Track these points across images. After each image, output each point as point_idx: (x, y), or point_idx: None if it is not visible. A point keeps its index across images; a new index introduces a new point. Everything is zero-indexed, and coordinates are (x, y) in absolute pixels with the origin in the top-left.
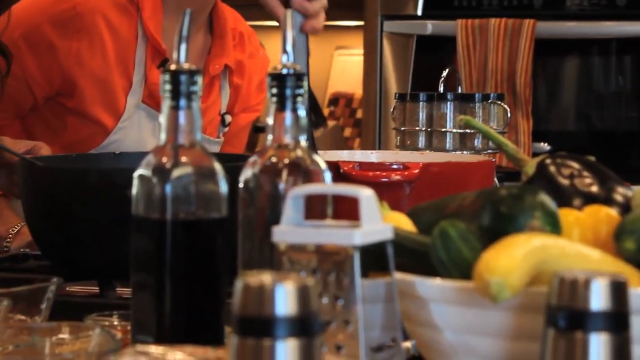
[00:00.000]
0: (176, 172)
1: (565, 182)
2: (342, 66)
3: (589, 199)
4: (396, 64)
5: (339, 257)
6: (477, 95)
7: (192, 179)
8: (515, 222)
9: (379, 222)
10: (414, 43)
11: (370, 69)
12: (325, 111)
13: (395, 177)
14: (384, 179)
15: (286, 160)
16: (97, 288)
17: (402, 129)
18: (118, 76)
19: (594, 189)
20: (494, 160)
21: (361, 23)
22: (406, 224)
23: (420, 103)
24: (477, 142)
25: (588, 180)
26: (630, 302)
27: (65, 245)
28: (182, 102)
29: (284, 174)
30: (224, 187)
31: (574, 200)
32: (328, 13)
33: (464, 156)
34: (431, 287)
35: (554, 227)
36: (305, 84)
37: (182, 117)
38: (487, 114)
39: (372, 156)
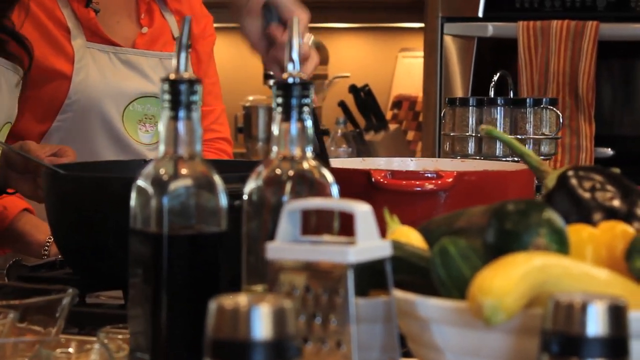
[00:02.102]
0: (174, 185)
1: (586, 195)
2: (406, 68)
3: (610, 214)
4: (457, 67)
5: (333, 275)
6: (528, 100)
7: (191, 192)
8: (520, 240)
9: (376, 239)
10: (475, 45)
11: (430, 72)
12: (389, 114)
13: (429, 186)
14: (417, 189)
15: (291, 172)
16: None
17: (452, 134)
18: (53, 27)
19: (616, 203)
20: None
21: (423, 25)
22: (416, 239)
23: (470, 108)
24: (528, 148)
25: (610, 194)
26: (630, 327)
27: (89, 254)
28: (182, 112)
29: (288, 186)
30: (223, 200)
31: (594, 214)
32: (391, 14)
33: (505, 164)
34: (431, 307)
35: (561, 245)
36: (311, 92)
37: (181, 127)
38: (538, 119)
39: (411, 164)
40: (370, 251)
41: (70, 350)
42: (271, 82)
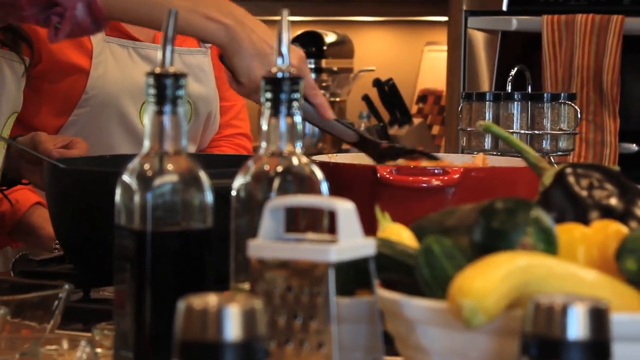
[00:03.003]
0: (159, 181)
1: (583, 193)
2: (432, 62)
3: (607, 212)
4: (481, 61)
5: (314, 274)
6: (546, 95)
7: (176, 188)
8: (507, 239)
9: (359, 237)
10: (499, 39)
11: (454, 66)
12: (414, 108)
13: (435, 182)
14: (423, 185)
15: (279, 169)
16: None
17: (468, 129)
18: None
19: (613, 201)
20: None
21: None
22: (407, 237)
23: (487, 103)
24: (546, 144)
25: (607, 192)
26: (612, 330)
27: (89, 249)
28: (167, 107)
29: (276, 182)
30: (209, 197)
31: (590, 213)
32: (417, 8)
33: (515, 160)
34: (415, 307)
35: (549, 244)
36: (301, 86)
37: (167, 122)
38: (556, 114)
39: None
40: (353, 250)
41: (64, 346)
42: None
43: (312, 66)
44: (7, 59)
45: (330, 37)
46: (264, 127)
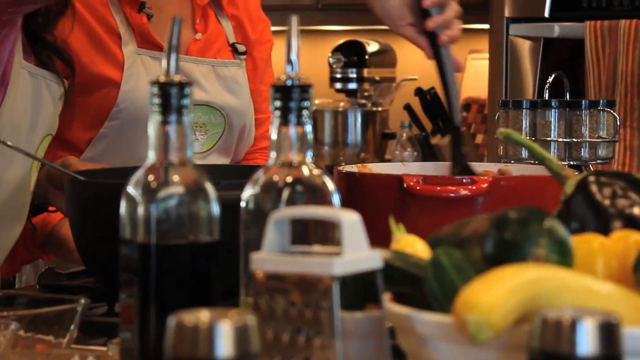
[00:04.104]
0: (164, 192)
1: (605, 202)
2: (475, 70)
3: (630, 222)
4: (523, 68)
5: (318, 288)
6: (584, 102)
7: (182, 200)
8: (519, 250)
9: (365, 249)
10: (541, 46)
11: (495, 73)
12: None
13: (463, 192)
14: (450, 194)
15: (289, 179)
16: None
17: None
18: (104, 33)
19: (636, 210)
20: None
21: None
22: (421, 249)
23: (524, 110)
24: (584, 152)
25: (631, 201)
26: (627, 345)
27: (109, 263)
28: (172, 116)
29: (286, 193)
30: (216, 208)
31: (613, 222)
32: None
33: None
34: (424, 322)
35: (563, 255)
36: (311, 94)
37: (172, 132)
38: (594, 122)
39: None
40: (358, 263)
41: None
42: (338, 85)
43: (354, 76)
44: (46, 80)
45: (372, 47)
46: (274, 136)
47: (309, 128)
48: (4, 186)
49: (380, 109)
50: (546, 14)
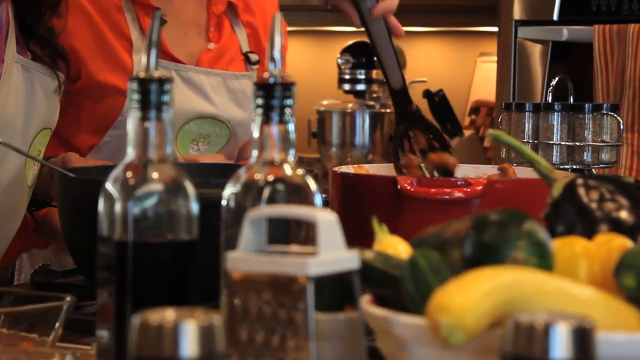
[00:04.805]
0: (142, 190)
1: (592, 205)
2: (485, 73)
3: (616, 226)
4: (531, 72)
5: (293, 289)
6: (587, 105)
7: (160, 197)
8: (497, 253)
9: (341, 250)
10: (550, 49)
11: (504, 76)
12: (466, 120)
13: (457, 194)
14: (445, 197)
15: (270, 178)
16: None
17: None
18: (114, 40)
19: (623, 214)
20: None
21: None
22: (404, 250)
23: (526, 113)
24: (587, 156)
25: (618, 205)
26: (605, 351)
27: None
28: (152, 113)
29: (266, 192)
30: (194, 207)
31: (600, 226)
32: (469, 18)
33: None
34: (403, 325)
35: (542, 258)
36: (294, 92)
37: (151, 129)
38: (597, 125)
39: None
40: (334, 263)
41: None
42: (346, 86)
43: (363, 77)
44: (39, 73)
45: None
46: (255, 134)
47: (291, 126)
48: None
49: (388, 110)
50: (555, 17)
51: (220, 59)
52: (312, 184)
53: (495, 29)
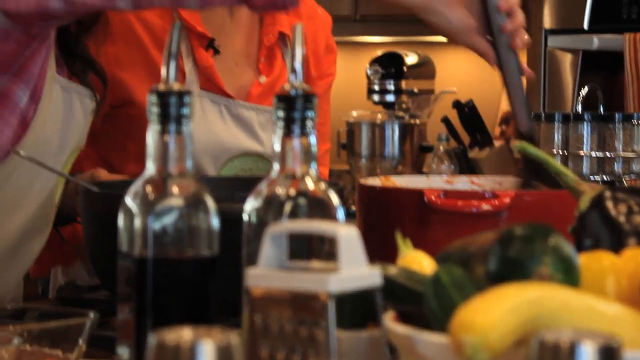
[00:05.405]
0: (162, 205)
1: (620, 218)
2: None
3: None
4: (562, 81)
5: (314, 306)
6: (617, 115)
7: (180, 212)
8: (522, 268)
9: (363, 266)
10: (580, 58)
11: (533, 86)
12: (497, 130)
13: (485, 206)
14: (473, 209)
15: (292, 192)
16: None
17: None
18: None
19: None
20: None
21: None
22: (428, 266)
23: (556, 124)
24: (617, 167)
25: None
26: None
27: None
28: (172, 126)
29: (288, 207)
30: (215, 222)
31: (628, 239)
32: None
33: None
34: (427, 343)
35: (568, 274)
36: (315, 104)
37: (171, 142)
38: (628, 136)
39: (479, 181)
40: (356, 279)
41: None
42: (375, 96)
43: (392, 88)
44: (78, 94)
45: (411, 58)
46: (277, 147)
47: (313, 139)
48: (31, 199)
49: (418, 121)
50: (585, 26)
51: (270, 93)
52: (334, 198)
53: None
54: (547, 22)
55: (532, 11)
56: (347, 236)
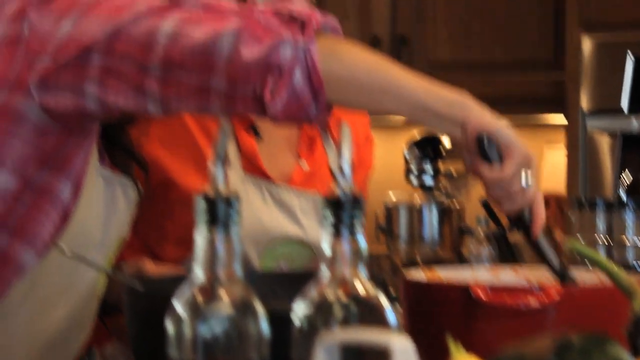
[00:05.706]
0: (211, 312)
1: None
2: (553, 160)
3: None
4: (603, 164)
5: None
6: None
7: (230, 318)
8: None
9: None
10: (620, 140)
11: (573, 168)
12: None
13: (533, 302)
14: (520, 306)
15: (341, 296)
16: None
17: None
18: (210, 153)
19: None
20: None
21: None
22: None
23: (597, 210)
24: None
25: None
26: None
27: None
28: (220, 232)
29: (338, 312)
30: (265, 327)
31: None
32: (534, 107)
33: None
34: None
35: None
36: (363, 207)
37: (220, 247)
38: None
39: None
40: None
41: None
42: (413, 178)
43: (430, 170)
44: (121, 185)
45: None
46: (327, 251)
47: (362, 241)
48: (72, 293)
49: (456, 204)
50: (624, 107)
51: (312, 180)
52: (384, 302)
53: (562, 117)
54: (585, 103)
55: (569, 93)
56: (402, 349)
